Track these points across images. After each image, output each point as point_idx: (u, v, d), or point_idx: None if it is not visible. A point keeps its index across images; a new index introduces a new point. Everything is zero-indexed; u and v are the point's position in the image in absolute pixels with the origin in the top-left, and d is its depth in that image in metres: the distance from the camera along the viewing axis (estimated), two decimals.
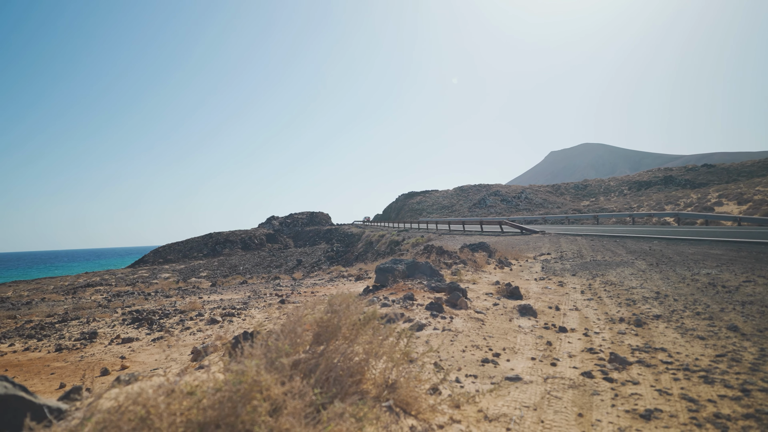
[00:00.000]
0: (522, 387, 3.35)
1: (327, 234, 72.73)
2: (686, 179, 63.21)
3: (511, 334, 4.86)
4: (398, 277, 7.57)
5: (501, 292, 6.97)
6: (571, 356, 4.10)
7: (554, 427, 2.73)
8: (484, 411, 2.91)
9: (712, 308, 5.58)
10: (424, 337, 4.55)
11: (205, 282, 27.27)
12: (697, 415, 2.80)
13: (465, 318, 5.33)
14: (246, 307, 10.10)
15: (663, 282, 7.61)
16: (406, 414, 2.60)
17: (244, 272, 45.25)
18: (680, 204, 42.38)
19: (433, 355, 3.99)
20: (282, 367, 2.09)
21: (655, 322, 5.16)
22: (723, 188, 47.71)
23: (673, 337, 4.51)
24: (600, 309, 5.96)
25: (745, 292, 6.35)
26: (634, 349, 4.22)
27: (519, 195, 74.14)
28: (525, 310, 5.76)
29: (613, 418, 2.83)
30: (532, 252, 14.66)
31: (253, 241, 70.64)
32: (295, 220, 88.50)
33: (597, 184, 77.63)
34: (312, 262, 50.51)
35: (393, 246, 33.52)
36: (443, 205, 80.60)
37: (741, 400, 2.97)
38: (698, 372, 3.53)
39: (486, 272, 9.73)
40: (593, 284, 7.88)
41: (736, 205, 36.25)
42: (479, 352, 4.19)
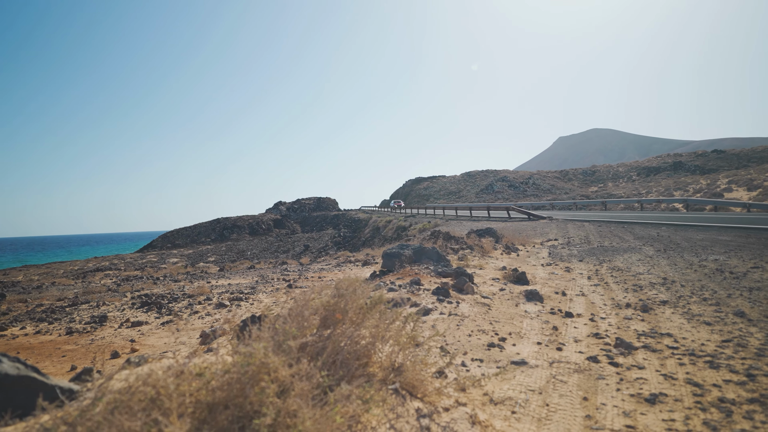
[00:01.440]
0: (527, 371, 3.37)
1: (334, 219, 72.89)
2: (696, 165, 62.62)
3: (518, 319, 4.87)
4: (405, 262, 7.59)
5: (507, 277, 6.98)
6: (576, 341, 4.12)
7: (559, 410, 2.76)
8: (489, 394, 2.93)
9: (719, 294, 5.56)
10: (431, 321, 4.58)
11: (213, 267, 27.47)
12: (702, 399, 2.82)
13: (471, 303, 5.35)
14: (254, 291, 10.18)
15: (670, 268, 7.58)
16: (412, 397, 2.63)
17: (251, 257, 45.48)
18: (689, 190, 42.05)
19: (439, 339, 4.02)
20: (289, 350, 2.12)
21: (661, 307, 5.15)
22: (733, 174, 47.25)
23: (679, 323, 4.51)
24: (606, 294, 5.96)
25: (752, 278, 6.32)
26: (640, 334, 4.23)
27: (527, 181, 73.78)
28: (531, 295, 5.77)
29: (618, 402, 2.85)
30: (539, 238, 14.63)
31: (260, 226, 70.92)
32: (302, 206, 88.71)
33: (605, 169, 77.07)
34: (319, 248, 50.70)
35: (400, 231, 33.56)
36: (450, 191, 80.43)
37: (746, 385, 2.98)
38: (704, 357, 3.53)
39: (493, 258, 9.74)
40: (600, 270, 7.87)
41: (745, 191, 35.92)
42: (485, 337, 4.22)
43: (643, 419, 2.61)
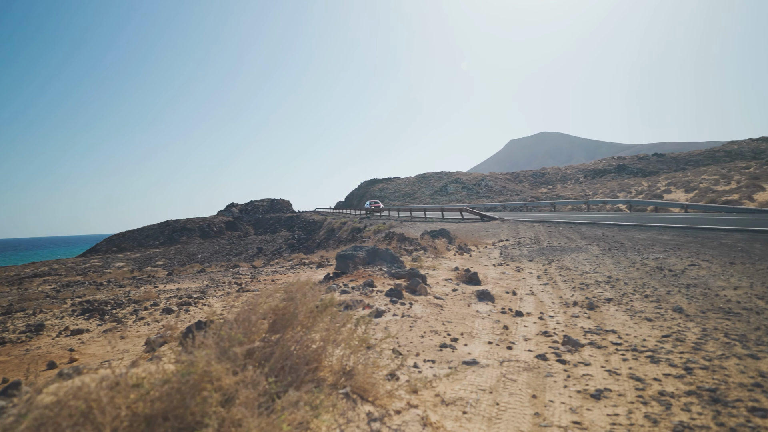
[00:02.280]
0: (479, 371, 3.40)
1: (288, 221, 72.02)
2: (638, 168, 65.42)
3: (469, 319, 4.93)
4: (359, 264, 7.56)
5: (460, 277, 7.06)
6: (526, 339, 4.19)
7: (509, 408, 2.79)
8: (441, 395, 2.94)
9: (659, 291, 5.80)
10: (384, 323, 4.57)
11: (162, 271, 26.59)
12: (644, 393, 2.91)
13: (424, 304, 5.37)
14: (203, 296, 9.90)
15: (615, 266, 7.86)
16: (363, 400, 2.60)
17: (202, 260, 44.36)
18: (632, 191, 43.86)
19: (392, 341, 4.01)
20: (235, 357, 2.05)
21: (606, 305, 5.33)
22: (672, 176, 49.62)
23: (623, 320, 4.67)
24: (555, 293, 6.12)
25: (689, 276, 6.63)
26: (586, 331, 4.35)
27: (479, 182, 75.15)
28: (483, 295, 5.85)
29: (566, 398, 2.91)
30: (491, 238, 14.89)
31: (212, 228, 69.24)
32: (255, 208, 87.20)
33: (554, 172, 79.44)
34: (273, 250, 49.97)
35: (355, 233, 33.48)
36: (405, 192, 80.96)
37: (684, 378, 3.11)
38: (645, 352, 3.66)
39: (446, 258, 9.84)
40: (549, 269, 8.07)
41: (683, 192, 37.79)
42: (438, 338, 4.24)
43: (588, 415, 2.68)
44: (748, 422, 2.49)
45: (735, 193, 31.16)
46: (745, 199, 28.99)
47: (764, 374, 3.09)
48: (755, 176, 37.22)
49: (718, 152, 65.78)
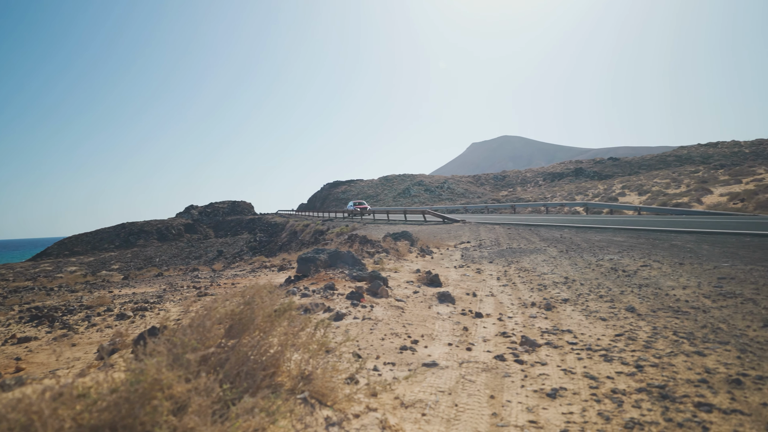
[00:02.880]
0: (438, 372, 3.42)
1: (250, 224, 70.98)
2: (594, 171, 67.40)
3: (430, 321, 4.96)
4: (320, 266, 7.51)
5: (421, 280, 7.10)
6: (485, 340, 4.24)
7: (467, 409, 2.82)
8: (400, 398, 2.94)
9: (613, 291, 5.98)
10: (344, 326, 4.54)
11: (117, 275, 25.76)
12: (597, 391, 2.99)
13: (385, 306, 5.37)
14: (160, 300, 9.63)
15: (571, 267, 8.06)
16: (321, 405, 2.58)
17: (160, 264, 43.21)
18: (589, 194, 45.13)
19: (352, 345, 3.99)
20: (188, 364, 1.99)
21: (563, 305, 5.45)
22: (626, 180, 51.33)
23: (578, 319, 4.78)
24: (514, 294, 6.22)
25: (641, 276, 6.86)
26: (543, 331, 4.43)
27: (442, 185, 75.92)
28: (444, 297, 5.90)
29: (522, 398, 2.96)
30: (453, 240, 15.05)
31: (170, 231, 67.55)
32: (215, 210, 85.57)
33: (515, 175, 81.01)
34: (234, 253, 49.14)
35: (317, 235, 33.26)
36: (368, 195, 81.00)
37: (635, 376, 3.20)
38: (599, 351, 3.76)
39: (408, 261, 9.88)
40: (508, 271, 8.21)
41: (637, 195, 39.13)
42: (398, 340, 4.24)
43: (544, 414, 2.73)
44: (695, 417, 2.58)
45: (685, 196, 32.47)
46: (695, 202, 30.24)
47: (710, 370, 3.22)
48: (704, 180, 38.88)
49: (669, 157, 68.45)
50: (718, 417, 2.58)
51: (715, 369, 3.25)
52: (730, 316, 4.53)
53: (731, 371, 3.19)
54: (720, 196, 30.96)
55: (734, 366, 3.29)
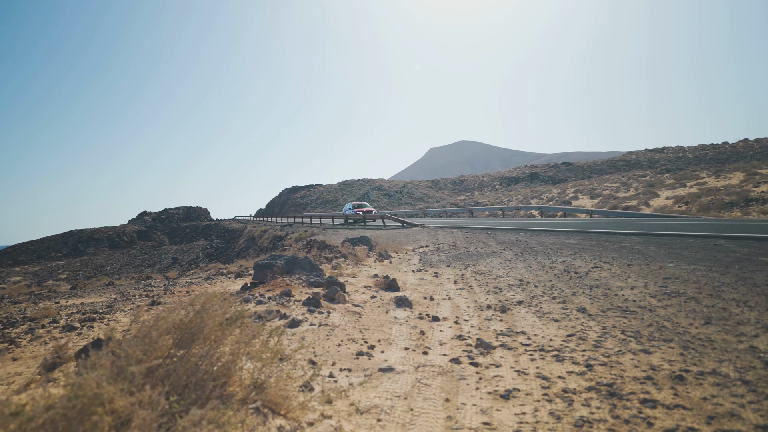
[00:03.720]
0: (394, 377, 3.42)
1: (206, 230, 69.45)
2: (549, 176, 69.25)
3: (387, 326, 4.96)
4: (277, 273, 7.40)
5: (379, 284, 7.10)
6: (441, 344, 4.27)
7: (422, 413, 2.82)
8: (356, 404, 2.92)
9: (565, 293, 6.13)
10: (300, 333, 4.49)
11: (65, 285, 24.67)
12: (549, 391, 3.05)
13: (342, 312, 5.34)
14: (111, 310, 9.27)
15: (526, 270, 8.23)
16: (274, 414, 2.53)
17: (111, 273, 41.72)
18: (543, 198, 46.31)
19: (307, 352, 3.94)
20: (132, 376, 1.92)
21: (517, 307, 5.55)
22: (579, 184, 52.95)
23: (532, 321, 4.88)
24: (470, 297, 6.30)
25: (592, 277, 7.07)
26: (498, 333, 4.50)
27: (401, 189, 76.36)
28: (401, 301, 5.91)
29: (477, 400, 2.99)
30: (412, 245, 15.13)
31: (122, 238, 65.28)
32: (170, 216, 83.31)
33: (472, 179, 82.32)
34: (189, 260, 47.96)
35: (276, 241, 32.84)
36: (328, 200, 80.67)
37: (585, 375, 3.29)
38: (552, 351, 3.85)
39: (366, 265, 9.87)
40: (465, 274, 8.31)
41: (589, 199, 40.41)
42: (355, 346, 4.22)
43: (498, 415, 2.76)
44: (640, 413, 2.67)
45: (634, 200, 33.74)
46: (643, 205, 31.46)
47: (655, 367, 3.34)
48: (651, 184, 40.51)
49: (619, 161, 71.06)
50: (662, 412, 2.67)
51: (660, 366, 3.37)
52: (674, 315, 4.72)
53: (674, 368, 3.32)
54: (666, 199, 32.34)
55: (677, 363, 3.42)
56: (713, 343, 3.81)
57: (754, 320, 4.33)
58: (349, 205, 39.67)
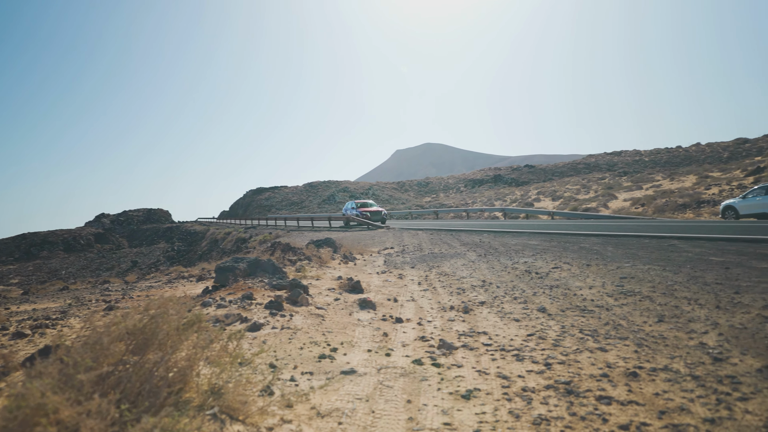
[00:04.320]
0: (356, 380, 3.40)
1: (167, 232, 67.82)
2: (512, 178, 70.48)
3: (350, 328, 4.93)
4: (239, 276, 7.28)
5: (343, 286, 7.06)
6: (404, 345, 4.28)
7: (384, 415, 2.81)
8: (317, 407, 2.89)
9: (526, 293, 6.24)
10: (262, 336, 4.42)
11: (16, 290, 23.66)
12: (509, 390, 3.09)
13: (305, 315, 5.29)
14: (64, 316, 8.93)
15: (489, 271, 8.34)
16: (232, 420, 2.48)
17: (66, 277, 40.26)
18: (507, 200, 47.09)
19: (268, 355, 3.88)
20: (81, 385, 1.85)
21: (480, 308, 5.61)
22: (541, 186, 54.07)
23: (494, 321, 4.94)
24: (434, 299, 6.33)
25: (553, 278, 7.22)
26: (460, 334, 4.54)
27: (367, 191, 76.35)
28: (365, 303, 5.90)
29: (438, 401, 3.00)
30: (377, 246, 15.14)
31: (78, 241, 63.07)
32: (129, 218, 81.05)
33: (438, 181, 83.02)
34: (150, 263, 46.73)
35: (240, 244, 32.35)
36: (293, 202, 79.97)
37: (544, 373, 3.35)
38: (512, 351, 3.90)
39: (330, 268, 9.81)
40: (429, 275, 8.36)
41: (551, 201, 41.30)
42: (317, 348, 4.18)
43: (459, 415, 2.78)
44: (596, 410, 2.73)
45: (593, 201, 34.64)
46: (602, 207, 32.34)
47: (611, 365, 3.43)
48: (609, 186, 41.68)
49: (579, 164, 72.89)
50: (616, 408, 2.74)
51: (615, 363, 3.46)
52: (630, 313, 4.86)
53: (629, 365, 3.41)
54: (624, 201, 33.33)
55: (632, 360, 3.52)
56: (666, 340, 3.94)
57: (704, 317, 4.50)
58: (351, 204, 32.27)
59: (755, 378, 3.04)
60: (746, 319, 4.36)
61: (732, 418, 2.54)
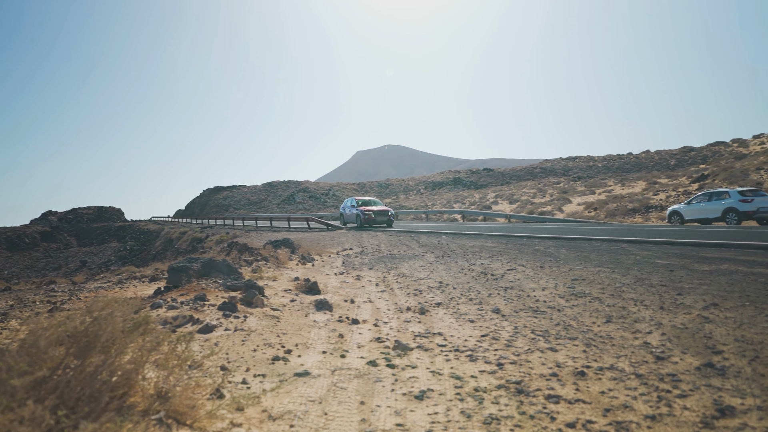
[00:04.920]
0: (310, 381, 3.37)
1: (119, 231, 65.64)
2: (471, 181, 71.58)
3: (306, 330, 4.89)
4: (193, 276, 7.11)
5: (300, 287, 7.00)
6: (360, 347, 4.27)
7: (337, 417, 2.79)
8: (268, 410, 2.84)
9: (482, 294, 6.33)
10: (214, 338, 4.32)
11: None
12: (461, 390, 3.12)
13: (260, 316, 5.21)
14: (5, 318, 8.52)
15: (446, 272, 8.43)
16: (179, 424, 2.41)
17: (9, 277, 38.42)
18: (466, 203, 47.76)
19: (220, 358, 3.80)
20: (14, 390, 1.75)
21: (436, 309, 5.66)
22: (499, 190, 55.10)
23: (449, 322, 4.99)
24: (391, 300, 6.35)
25: (508, 279, 7.36)
26: (416, 335, 4.56)
27: (327, 192, 76.04)
28: (321, 304, 5.86)
29: (392, 402, 3.00)
30: (336, 247, 15.07)
31: (22, 240, 60.22)
32: (79, 216, 78.00)
33: (398, 183, 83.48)
34: (100, 263, 45.13)
35: (195, 243, 31.64)
36: (251, 201, 78.82)
37: (496, 373, 3.40)
38: (466, 352, 3.95)
39: (288, 268, 9.71)
40: (387, 277, 8.38)
41: (508, 204, 42.14)
42: (271, 350, 4.12)
43: (411, 416, 2.79)
44: (545, 408, 2.79)
45: (549, 205, 35.53)
46: (557, 210, 33.20)
47: (560, 364, 3.51)
48: (564, 190, 42.86)
49: (536, 169, 74.69)
50: (564, 407, 2.81)
51: (565, 363, 3.55)
52: (580, 314, 5.00)
53: (578, 364, 3.51)
54: (578, 205, 34.33)
55: (580, 359, 3.62)
56: (612, 340, 4.07)
57: (648, 318, 4.68)
58: (351, 202, 27.30)
59: (694, 376, 3.17)
60: (687, 319, 4.56)
61: (671, 414, 2.65)
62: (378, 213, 25.39)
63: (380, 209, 25.82)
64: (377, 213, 25.37)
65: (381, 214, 25.42)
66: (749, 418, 2.56)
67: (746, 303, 5.04)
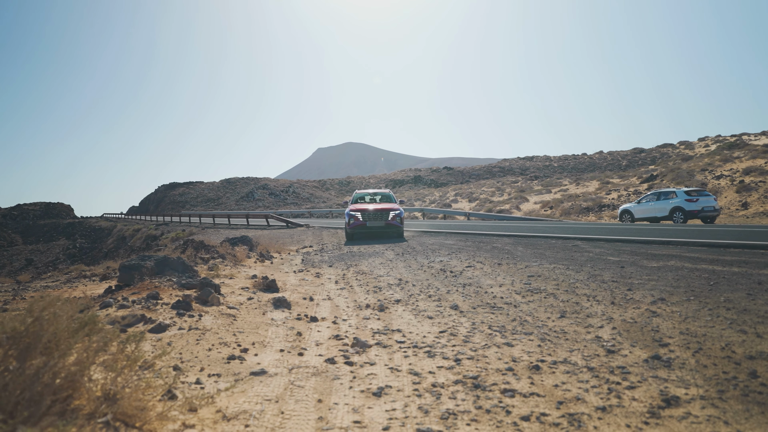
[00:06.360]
0: (266, 380, 3.31)
1: (68, 228, 63.05)
2: (432, 179, 72.21)
3: (263, 328, 4.81)
4: (146, 274, 6.88)
5: (258, 285, 6.89)
6: (318, 344, 4.23)
7: (294, 416, 2.75)
8: (223, 411, 2.77)
9: (441, 291, 6.39)
10: (167, 338, 4.19)
11: None
12: (419, 386, 3.13)
13: (216, 315, 5.09)
14: None
15: (405, 270, 8.46)
16: (128, 427, 2.32)
17: None
18: (426, 201, 48.14)
19: (172, 357, 3.68)
20: None
21: (395, 306, 5.67)
22: (459, 188, 55.80)
23: (408, 319, 5.01)
24: (350, 297, 6.33)
25: (466, 276, 7.45)
26: (375, 332, 4.55)
27: (287, 189, 75.23)
28: (279, 302, 5.78)
29: (350, 399, 2.98)
30: (295, 245, 14.93)
31: None
32: (24, 212, 74.53)
33: (359, 180, 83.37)
34: (47, 262, 43.26)
35: (150, 241, 30.76)
36: (209, 198, 77.19)
37: (453, 369, 3.43)
38: (424, 348, 3.97)
39: (246, 266, 9.54)
40: (347, 274, 8.35)
41: (467, 202, 42.72)
42: (227, 349, 4.03)
43: (369, 413, 2.77)
44: (501, 402, 2.83)
45: (507, 204, 36.21)
46: (514, 209, 33.87)
47: (516, 359, 3.58)
48: (522, 189, 43.77)
49: (494, 168, 76.00)
50: (519, 400, 2.85)
51: (520, 357, 3.62)
52: (535, 310, 5.11)
53: (532, 358, 3.58)
54: (534, 204, 35.13)
55: (535, 354, 3.69)
56: (566, 334, 4.18)
57: (600, 313, 4.82)
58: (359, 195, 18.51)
59: (642, 368, 3.29)
60: (636, 314, 4.72)
61: (621, 405, 2.73)
62: (373, 214, 15.61)
63: (379, 208, 15.95)
64: (372, 214, 15.61)
65: (377, 215, 15.60)
66: (693, 407, 2.67)
67: (691, 297, 5.27)
